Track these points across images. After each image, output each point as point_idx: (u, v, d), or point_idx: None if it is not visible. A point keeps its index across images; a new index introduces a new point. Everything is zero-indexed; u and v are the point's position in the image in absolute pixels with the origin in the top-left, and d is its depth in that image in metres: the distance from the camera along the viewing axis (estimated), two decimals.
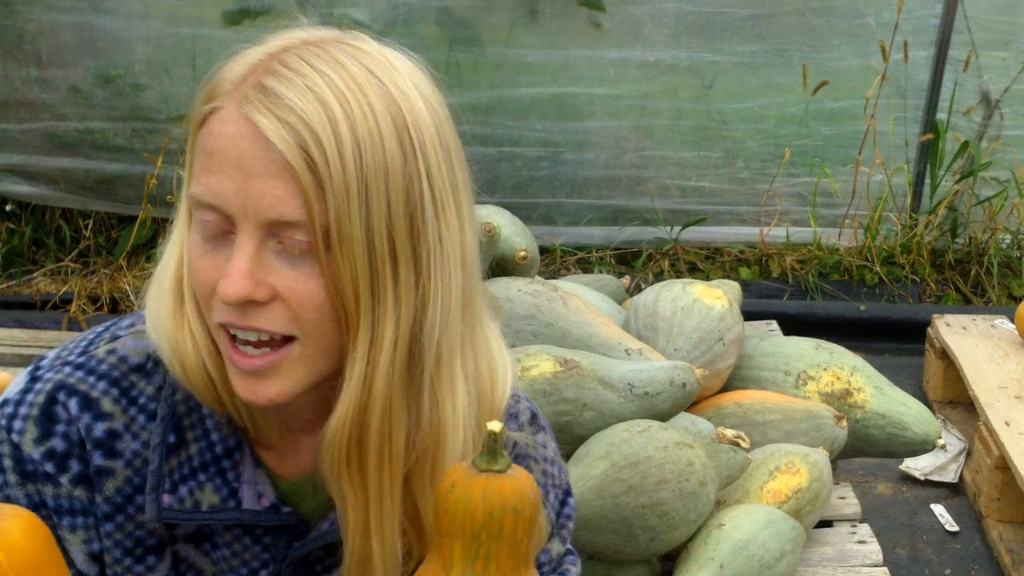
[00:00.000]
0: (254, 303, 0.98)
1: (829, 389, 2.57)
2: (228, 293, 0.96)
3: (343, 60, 0.99)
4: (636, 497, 2.08)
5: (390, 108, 0.98)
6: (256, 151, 0.95)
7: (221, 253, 0.99)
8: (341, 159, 0.95)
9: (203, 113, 0.99)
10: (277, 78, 0.97)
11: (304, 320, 0.99)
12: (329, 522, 1.12)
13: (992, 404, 2.95)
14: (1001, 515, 2.87)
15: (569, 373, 2.26)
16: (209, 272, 0.99)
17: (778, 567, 2.13)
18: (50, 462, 1.06)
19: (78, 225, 4.20)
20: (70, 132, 4.08)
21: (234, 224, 0.97)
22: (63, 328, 3.75)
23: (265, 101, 0.96)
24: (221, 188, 0.96)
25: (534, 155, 4.17)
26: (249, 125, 0.95)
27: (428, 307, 1.02)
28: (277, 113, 0.95)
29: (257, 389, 1.01)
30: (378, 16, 3.82)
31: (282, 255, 0.98)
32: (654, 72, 4.11)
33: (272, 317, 0.99)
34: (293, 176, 0.95)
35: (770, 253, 4.23)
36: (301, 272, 0.98)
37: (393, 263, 0.99)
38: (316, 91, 0.96)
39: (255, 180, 0.95)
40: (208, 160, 0.97)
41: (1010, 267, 4.22)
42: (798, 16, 4.02)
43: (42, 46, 3.95)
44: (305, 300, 0.98)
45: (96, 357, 1.10)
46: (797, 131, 4.14)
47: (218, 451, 1.10)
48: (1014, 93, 4.12)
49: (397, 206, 0.98)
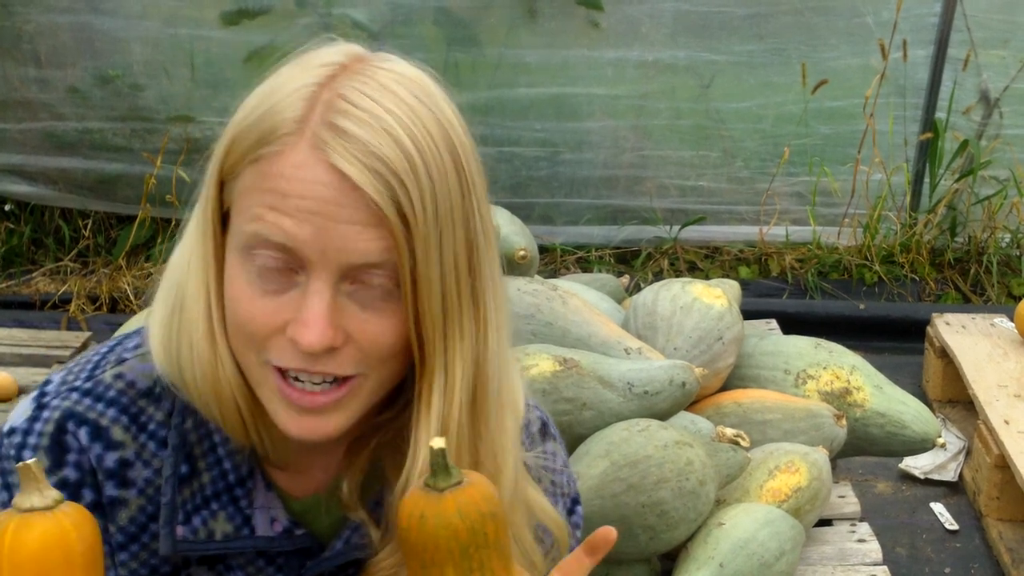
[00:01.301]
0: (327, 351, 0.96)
1: (828, 388, 2.57)
2: (310, 343, 0.94)
3: (395, 88, 0.96)
4: (636, 496, 2.08)
5: (446, 140, 0.97)
6: (342, 198, 0.92)
7: (284, 295, 0.96)
8: (423, 202, 0.94)
9: (262, 148, 0.95)
10: (347, 117, 0.94)
11: (373, 358, 0.98)
12: (342, 541, 1.11)
13: (991, 403, 2.95)
14: (1001, 514, 2.87)
15: (568, 372, 2.26)
16: (269, 316, 0.96)
17: (778, 566, 2.13)
18: (62, 492, 1.03)
19: (77, 225, 4.20)
20: (69, 132, 4.08)
21: (306, 266, 0.95)
22: (62, 328, 3.75)
23: (345, 145, 0.93)
24: (299, 231, 0.93)
25: (533, 155, 4.17)
26: (332, 172, 0.92)
27: (490, 338, 1.02)
28: (363, 160, 0.92)
29: (316, 426, 0.99)
30: (376, 16, 3.81)
31: (354, 297, 0.96)
32: (652, 72, 4.11)
33: (343, 361, 0.97)
34: (383, 222, 0.93)
35: (769, 252, 4.23)
36: (376, 313, 0.97)
37: (459, 300, 0.99)
38: (391, 132, 0.94)
39: (339, 225, 0.93)
40: (279, 201, 0.93)
41: (1009, 266, 4.22)
42: (796, 15, 4.03)
43: (40, 46, 3.95)
44: (380, 340, 0.97)
45: (104, 383, 1.07)
46: (796, 130, 4.13)
47: (231, 479, 1.08)
48: (1013, 92, 4.12)
49: (460, 242, 0.98)
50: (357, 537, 1.11)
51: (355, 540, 1.11)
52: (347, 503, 1.10)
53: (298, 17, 3.80)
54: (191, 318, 1.01)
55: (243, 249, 0.96)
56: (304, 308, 0.95)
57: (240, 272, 0.97)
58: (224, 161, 0.98)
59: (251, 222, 0.95)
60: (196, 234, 1.02)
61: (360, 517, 1.10)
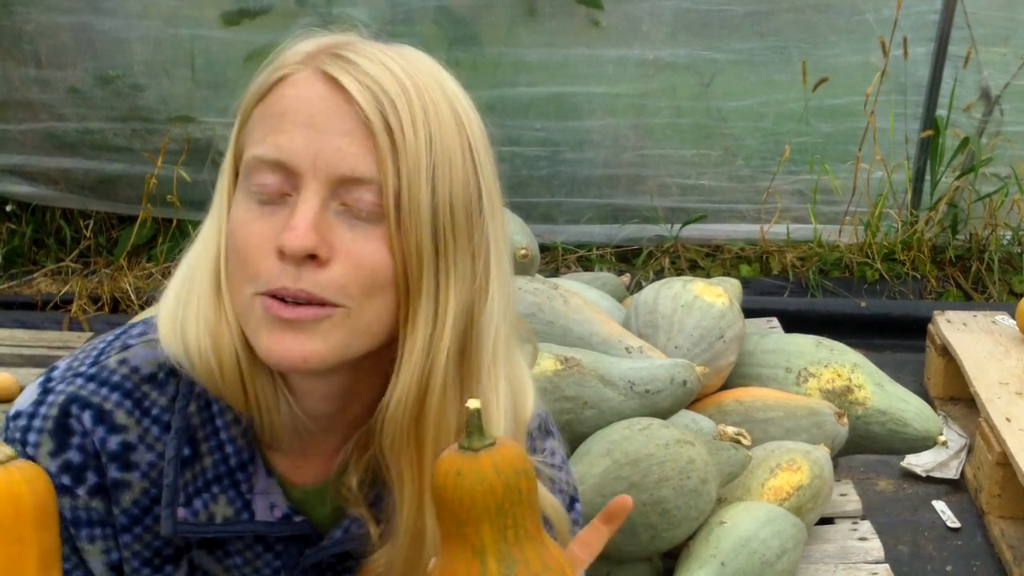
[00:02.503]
0: (311, 263, 0.97)
1: (830, 386, 2.57)
2: (293, 243, 0.95)
3: (403, 53, 1.03)
4: (637, 495, 2.08)
5: (449, 102, 1.02)
6: (333, 108, 0.97)
7: (277, 216, 0.98)
8: (414, 127, 0.98)
9: (268, 84, 1.01)
10: (351, 51, 1.00)
11: (358, 285, 0.98)
12: (341, 530, 1.12)
13: (993, 400, 2.95)
14: (1002, 511, 2.87)
15: (570, 371, 2.26)
16: (262, 235, 0.98)
17: (779, 564, 2.13)
18: (66, 474, 1.06)
19: (78, 225, 4.20)
20: (70, 132, 4.08)
21: (298, 182, 0.97)
22: (64, 328, 3.75)
23: (344, 65, 0.99)
24: (291, 144, 0.97)
25: (534, 154, 4.17)
26: (327, 82, 0.98)
27: (486, 297, 1.04)
28: (356, 76, 0.98)
29: (291, 345, 0.98)
30: (377, 15, 3.82)
31: (343, 216, 0.98)
32: (653, 70, 4.11)
33: (325, 281, 0.97)
34: (370, 134, 0.97)
35: (770, 250, 4.23)
36: (362, 234, 0.98)
37: (455, 242, 1.01)
38: (389, 67, 0.99)
39: (329, 135, 0.97)
40: (277, 121, 0.98)
41: (1011, 263, 4.22)
42: (797, 13, 4.02)
43: (41, 47, 3.95)
44: (364, 263, 0.98)
45: (108, 368, 1.09)
46: (797, 128, 4.13)
47: (232, 463, 1.09)
48: (1014, 89, 4.11)
49: (457, 191, 1.00)
50: (356, 527, 1.12)
51: (355, 530, 1.12)
52: (350, 499, 1.11)
53: (298, 17, 3.81)
54: (199, 282, 1.04)
55: (244, 181, 1.00)
56: (292, 216, 0.97)
57: (241, 203, 1.01)
58: (240, 121, 1.03)
59: (250, 148, 1.00)
60: (212, 207, 1.06)
61: (361, 514, 1.11)
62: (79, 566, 1.09)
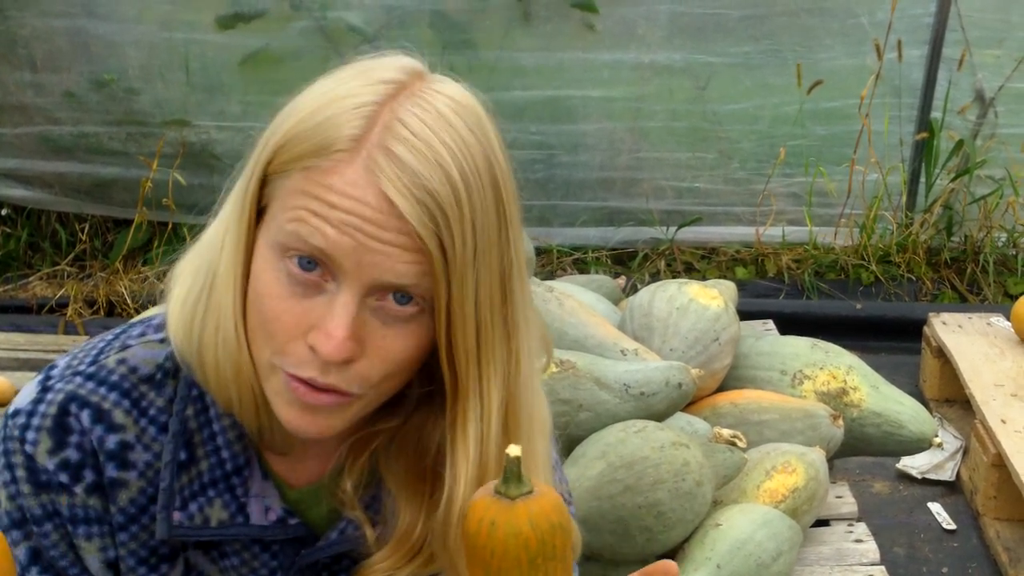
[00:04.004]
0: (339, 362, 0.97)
1: (825, 388, 2.57)
2: (329, 353, 0.95)
3: (450, 118, 0.98)
4: (632, 497, 2.08)
5: (491, 175, 0.99)
6: (387, 222, 0.94)
7: (312, 300, 0.97)
8: (463, 238, 0.96)
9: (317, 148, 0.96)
10: (403, 144, 0.95)
11: (382, 376, 0.99)
12: (337, 531, 1.13)
13: (988, 402, 2.96)
14: (998, 513, 2.87)
15: (565, 374, 2.26)
16: (295, 318, 0.97)
17: (775, 567, 2.13)
18: (64, 472, 1.07)
19: (74, 229, 4.20)
20: (65, 136, 4.08)
21: (338, 275, 0.96)
22: (59, 332, 3.75)
23: (398, 174, 0.94)
24: (339, 240, 0.94)
25: (529, 157, 4.17)
26: (381, 197, 0.94)
27: (522, 364, 1.05)
28: (413, 191, 0.94)
29: (315, 424, 1.00)
30: (372, 19, 3.81)
31: (377, 313, 0.98)
32: (648, 73, 4.11)
33: (352, 376, 0.98)
34: (422, 251, 0.95)
35: (766, 253, 4.23)
36: (394, 331, 0.98)
37: (493, 330, 1.01)
38: (443, 165, 0.95)
39: (379, 244, 0.94)
40: (326, 210, 0.94)
41: (1006, 265, 4.22)
42: (791, 16, 4.03)
43: (36, 51, 3.95)
44: (392, 358, 0.99)
45: (107, 367, 1.09)
46: (792, 131, 4.14)
47: (228, 468, 1.10)
48: (1008, 91, 4.12)
49: (495, 273, 1.00)
50: (352, 529, 1.13)
51: (350, 532, 1.13)
52: (346, 502, 1.11)
53: (293, 21, 3.80)
54: (221, 300, 1.02)
55: (278, 246, 0.97)
56: (330, 317, 0.96)
57: (270, 268, 0.98)
58: (273, 159, 0.99)
59: (293, 222, 0.96)
60: (232, 218, 1.03)
61: (356, 516, 1.12)
62: (76, 563, 1.10)
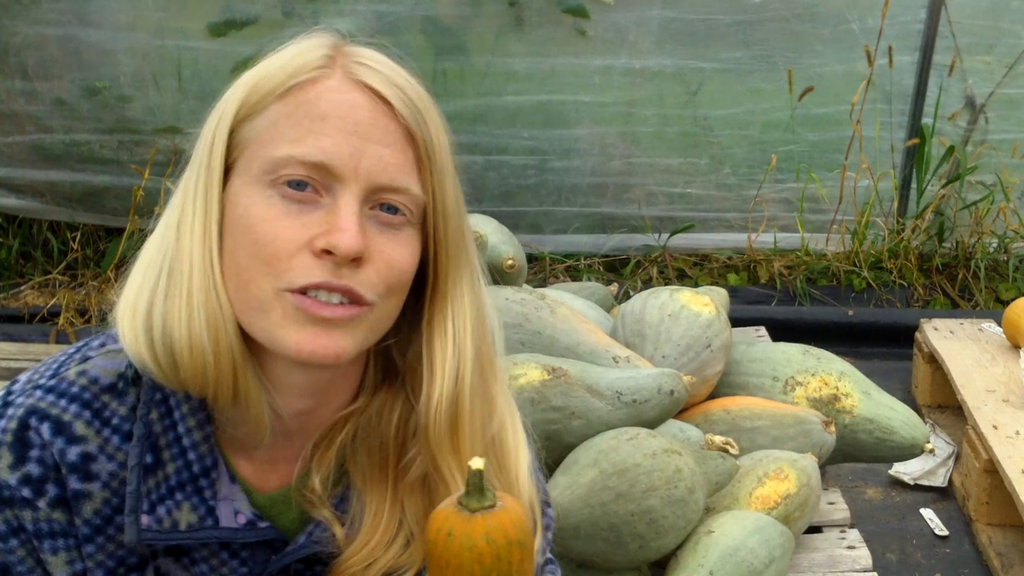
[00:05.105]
0: (350, 263, 1.00)
1: (817, 394, 2.57)
2: (348, 244, 0.98)
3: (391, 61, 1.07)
4: (625, 504, 2.08)
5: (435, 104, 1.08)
6: (377, 119, 1.01)
7: (308, 216, 1.01)
8: (438, 142, 1.05)
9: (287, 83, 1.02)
10: (369, 61, 1.04)
11: (386, 285, 1.03)
12: (305, 535, 1.13)
13: (980, 408, 2.96)
14: (990, 518, 2.87)
15: (557, 381, 2.26)
16: (295, 232, 1.00)
17: (767, 573, 2.13)
18: (27, 487, 1.06)
19: (65, 237, 4.19)
20: (56, 144, 4.07)
21: (335, 185, 1.00)
22: (51, 341, 3.74)
23: (376, 74, 1.02)
24: (337, 149, 0.99)
25: (521, 163, 4.17)
26: (368, 92, 1.01)
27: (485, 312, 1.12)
28: (393, 86, 1.02)
29: (326, 341, 1.02)
30: (364, 26, 3.82)
31: (372, 220, 1.03)
32: (640, 79, 4.12)
33: (364, 280, 1.02)
34: (411, 145, 1.02)
35: (758, 259, 4.24)
36: (392, 238, 1.03)
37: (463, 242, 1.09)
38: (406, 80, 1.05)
39: (373, 145, 1.00)
40: (317, 123, 1.00)
41: (997, 271, 4.23)
42: (782, 22, 4.04)
43: (28, 58, 3.94)
44: (395, 264, 1.03)
45: (67, 379, 1.09)
46: (783, 137, 4.15)
47: (195, 470, 1.09)
48: (999, 97, 4.14)
49: (458, 190, 1.08)
50: (320, 531, 1.13)
51: (318, 535, 1.13)
52: (313, 500, 1.12)
53: (285, 28, 3.79)
54: (183, 276, 1.04)
55: (263, 177, 1.01)
56: (337, 217, 1.00)
57: (258, 201, 1.02)
58: (240, 109, 1.04)
59: (286, 144, 1.00)
60: (189, 199, 1.06)
61: (324, 516, 1.12)
62: None
